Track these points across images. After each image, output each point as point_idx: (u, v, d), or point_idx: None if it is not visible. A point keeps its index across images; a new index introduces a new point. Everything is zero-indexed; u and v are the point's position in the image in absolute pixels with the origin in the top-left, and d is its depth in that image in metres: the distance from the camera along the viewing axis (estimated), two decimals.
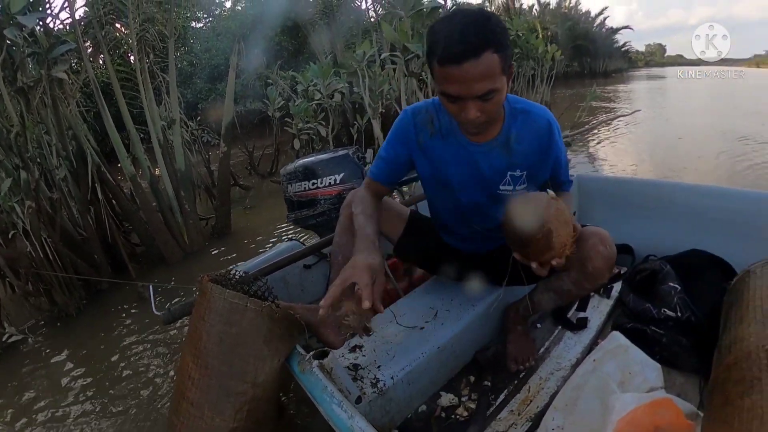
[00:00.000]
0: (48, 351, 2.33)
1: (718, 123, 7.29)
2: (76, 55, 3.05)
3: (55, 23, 2.89)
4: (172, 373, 1.97)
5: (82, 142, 2.95)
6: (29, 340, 2.38)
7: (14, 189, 2.40)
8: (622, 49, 34.33)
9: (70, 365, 2.18)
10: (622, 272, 1.58)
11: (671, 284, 1.27)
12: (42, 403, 1.90)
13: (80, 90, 3.47)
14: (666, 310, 1.24)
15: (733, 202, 1.45)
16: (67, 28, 3.12)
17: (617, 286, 1.51)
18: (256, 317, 0.98)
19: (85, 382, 2.02)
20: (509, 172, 1.05)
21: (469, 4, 10.05)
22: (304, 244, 1.62)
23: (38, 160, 2.77)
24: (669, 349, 1.18)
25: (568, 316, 1.41)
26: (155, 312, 1.21)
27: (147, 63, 3.57)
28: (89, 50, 3.50)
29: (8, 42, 2.37)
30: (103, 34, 3.16)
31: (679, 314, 1.22)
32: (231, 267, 1.21)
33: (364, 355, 1.17)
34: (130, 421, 1.71)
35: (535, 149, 1.03)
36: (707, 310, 1.18)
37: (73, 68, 3.34)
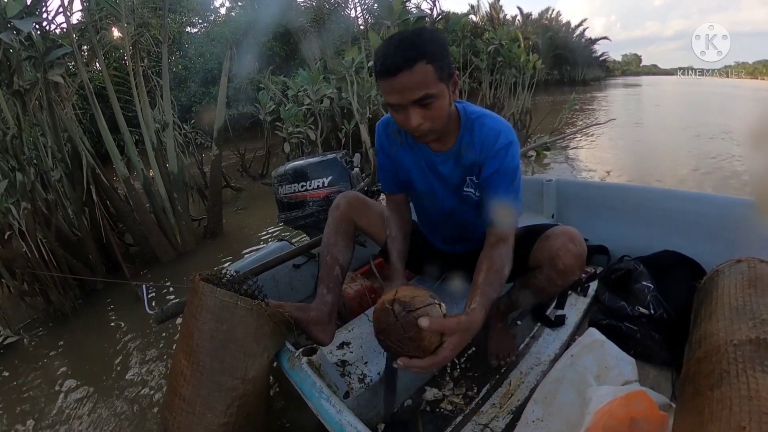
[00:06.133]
0: (43, 350, 2.33)
1: (685, 125, 7.77)
2: (72, 58, 3.06)
3: (50, 27, 2.90)
4: (165, 371, 1.98)
5: (77, 144, 2.96)
6: (24, 341, 2.39)
7: (10, 190, 2.40)
8: (600, 58, 35.18)
9: (65, 364, 2.19)
10: (598, 272, 1.62)
11: (644, 283, 1.32)
12: (37, 402, 1.91)
13: (76, 93, 3.48)
14: (640, 307, 1.28)
15: (702, 206, 1.50)
16: (64, 31, 3.13)
17: (593, 285, 1.56)
18: (246, 315, 0.99)
19: (80, 381, 2.02)
20: (467, 177, 1.09)
21: (455, 14, 10.15)
22: (293, 245, 1.65)
23: (34, 161, 2.77)
24: (643, 344, 1.22)
25: (547, 313, 1.45)
26: (148, 311, 1.23)
27: (141, 67, 3.59)
28: (85, 54, 3.51)
29: (5, 45, 2.38)
30: (98, 38, 3.17)
31: (652, 311, 1.26)
32: (222, 267, 1.23)
33: (351, 352, 1.19)
34: (125, 419, 1.71)
35: (478, 156, 1.03)
36: (678, 307, 1.22)
37: (69, 71, 3.35)
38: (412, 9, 6.96)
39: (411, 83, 0.85)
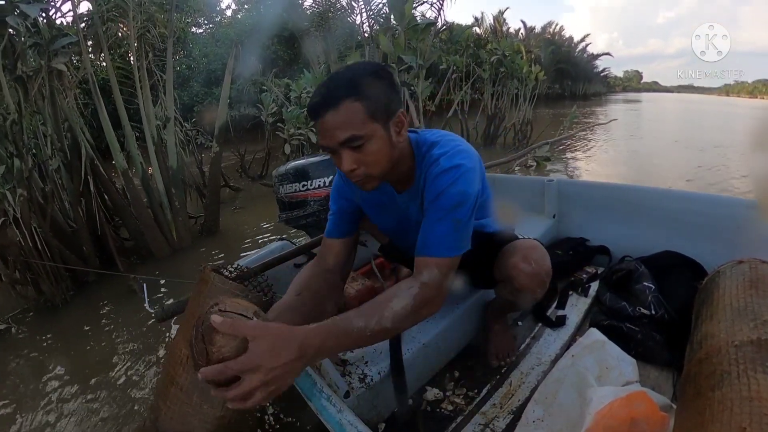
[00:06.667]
0: (32, 340, 2.30)
1: (683, 138, 8.03)
2: (76, 49, 3.06)
3: (56, 15, 2.92)
4: (154, 364, 1.96)
5: (77, 135, 2.95)
6: (12, 329, 2.35)
7: (7, 176, 2.38)
8: (602, 74, 35.71)
9: (53, 354, 2.16)
10: (599, 272, 1.63)
11: (646, 283, 1.31)
12: (22, 391, 1.88)
13: (79, 85, 3.47)
14: (641, 307, 1.28)
15: (703, 206, 1.50)
16: (70, 22, 3.14)
17: (594, 285, 1.56)
18: None
19: (67, 371, 2.00)
20: None
21: (459, 25, 10.33)
22: (294, 244, 1.63)
23: (33, 150, 2.76)
24: (644, 345, 1.21)
25: (548, 313, 1.45)
26: (148, 309, 1.21)
27: (146, 62, 3.60)
28: (90, 45, 3.51)
29: (10, 31, 2.38)
30: (104, 30, 3.17)
31: (653, 312, 1.25)
32: (231, 262, 1.21)
33: (351, 351, 1.17)
34: (111, 411, 1.69)
35: (424, 186, 0.90)
36: (679, 307, 1.22)
37: (74, 64, 3.35)
38: (417, 17, 7.07)
39: (336, 123, 0.77)
